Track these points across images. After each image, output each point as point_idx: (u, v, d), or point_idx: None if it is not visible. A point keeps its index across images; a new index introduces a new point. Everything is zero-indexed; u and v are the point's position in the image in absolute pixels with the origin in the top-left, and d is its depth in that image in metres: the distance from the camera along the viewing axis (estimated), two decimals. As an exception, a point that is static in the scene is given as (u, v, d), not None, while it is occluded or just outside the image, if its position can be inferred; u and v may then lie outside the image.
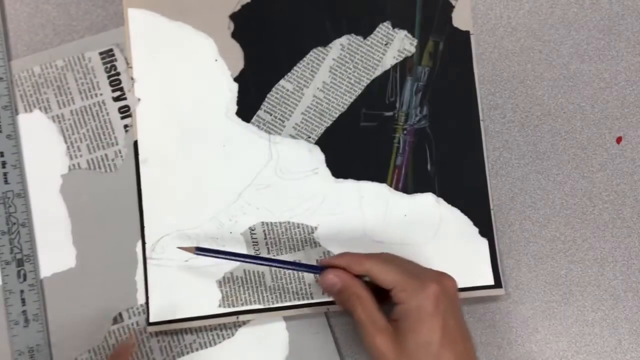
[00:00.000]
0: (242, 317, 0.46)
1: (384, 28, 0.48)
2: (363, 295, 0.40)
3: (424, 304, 0.38)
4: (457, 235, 0.47)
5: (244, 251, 0.47)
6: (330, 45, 0.48)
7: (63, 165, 0.47)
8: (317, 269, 0.43)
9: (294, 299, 0.47)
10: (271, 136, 0.48)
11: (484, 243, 0.47)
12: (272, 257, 0.46)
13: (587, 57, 0.49)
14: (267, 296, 0.47)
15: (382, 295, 0.40)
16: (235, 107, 0.48)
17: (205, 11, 0.48)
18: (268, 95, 0.48)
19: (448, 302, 0.39)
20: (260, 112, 0.48)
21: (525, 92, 0.49)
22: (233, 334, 0.47)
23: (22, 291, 0.46)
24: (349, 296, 0.40)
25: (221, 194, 0.47)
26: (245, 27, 0.48)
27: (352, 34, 0.48)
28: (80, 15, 0.48)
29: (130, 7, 0.48)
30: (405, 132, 0.48)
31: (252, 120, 0.48)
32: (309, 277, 0.47)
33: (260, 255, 0.46)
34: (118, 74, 0.48)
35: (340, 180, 0.48)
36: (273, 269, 0.47)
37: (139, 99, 0.47)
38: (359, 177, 0.47)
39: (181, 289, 0.46)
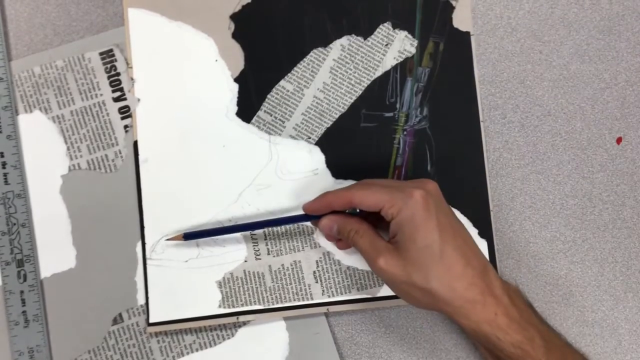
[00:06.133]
0: (242, 318, 0.46)
1: (385, 29, 0.48)
2: (359, 228, 0.42)
3: (414, 211, 0.39)
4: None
5: (244, 250, 0.47)
6: (330, 45, 0.48)
7: (63, 165, 0.47)
8: (307, 217, 0.44)
9: (294, 299, 0.47)
10: (271, 137, 0.48)
11: (483, 244, 0.47)
12: (261, 220, 0.46)
13: (587, 57, 0.49)
14: (267, 296, 0.47)
15: (381, 222, 0.42)
16: (235, 108, 0.48)
17: (206, 11, 0.48)
18: (268, 96, 0.48)
19: (435, 203, 0.40)
20: (260, 113, 0.48)
21: (525, 92, 0.49)
22: (233, 335, 0.47)
23: (22, 292, 0.46)
24: (348, 232, 0.42)
25: (221, 194, 0.47)
26: (245, 28, 0.48)
27: (353, 35, 0.48)
28: (80, 16, 0.48)
29: (130, 7, 0.48)
30: (405, 132, 0.48)
31: (253, 120, 0.48)
32: (309, 277, 0.47)
33: (249, 222, 0.46)
34: (118, 74, 0.48)
35: (340, 180, 0.48)
36: (273, 269, 0.47)
37: (139, 99, 0.47)
38: (359, 177, 0.47)
39: (181, 289, 0.46)
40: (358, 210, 0.42)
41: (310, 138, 0.48)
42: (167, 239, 0.46)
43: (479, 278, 0.39)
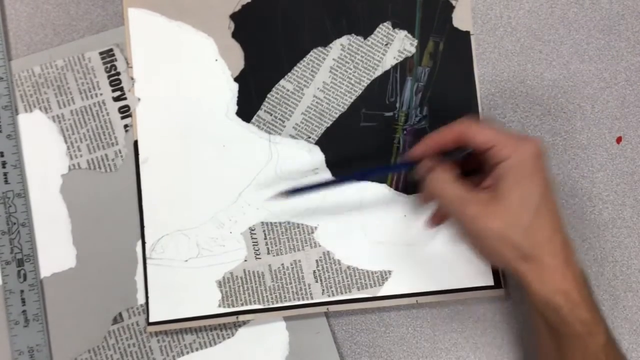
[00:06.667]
0: (242, 317, 0.46)
1: (384, 28, 0.48)
2: (449, 172, 0.40)
3: (526, 157, 0.38)
4: (457, 235, 0.47)
5: (244, 249, 0.47)
6: (330, 45, 0.48)
7: (63, 165, 0.47)
8: (408, 164, 0.43)
9: (294, 299, 0.47)
10: (271, 136, 0.48)
11: (484, 243, 0.47)
12: (360, 171, 0.47)
13: (587, 57, 0.49)
14: (267, 296, 0.47)
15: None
16: (235, 107, 0.48)
17: (206, 11, 0.48)
18: (268, 96, 0.48)
19: (544, 161, 0.39)
20: (260, 112, 0.48)
21: (525, 92, 0.49)
22: (233, 334, 0.47)
23: (22, 291, 0.46)
24: (435, 180, 0.40)
25: (221, 194, 0.47)
26: (245, 27, 0.48)
27: (353, 34, 0.48)
28: (80, 15, 0.48)
29: (130, 7, 0.48)
30: (405, 132, 0.48)
31: (252, 120, 0.48)
32: (308, 277, 0.47)
33: (348, 175, 0.46)
34: (118, 73, 0.48)
35: (341, 180, 0.48)
36: (273, 268, 0.47)
37: (139, 99, 0.47)
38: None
39: (181, 289, 0.46)
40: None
41: (310, 137, 0.48)
42: (271, 197, 0.46)
43: (564, 248, 0.38)
